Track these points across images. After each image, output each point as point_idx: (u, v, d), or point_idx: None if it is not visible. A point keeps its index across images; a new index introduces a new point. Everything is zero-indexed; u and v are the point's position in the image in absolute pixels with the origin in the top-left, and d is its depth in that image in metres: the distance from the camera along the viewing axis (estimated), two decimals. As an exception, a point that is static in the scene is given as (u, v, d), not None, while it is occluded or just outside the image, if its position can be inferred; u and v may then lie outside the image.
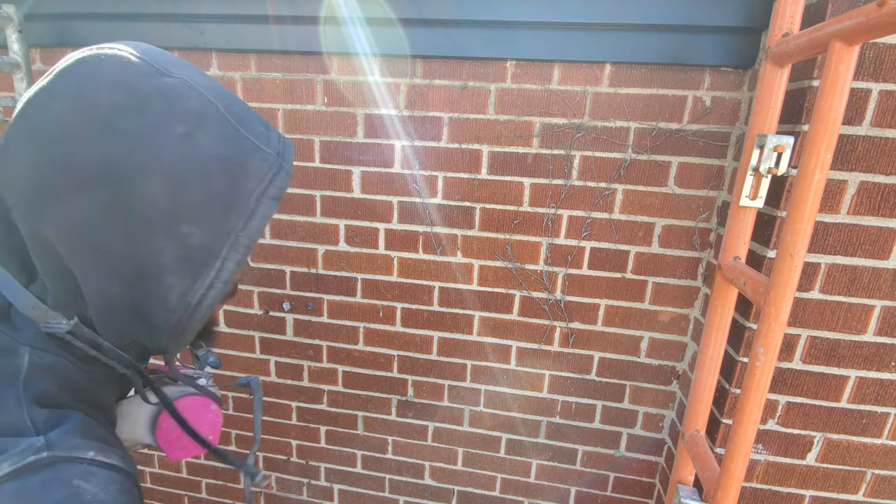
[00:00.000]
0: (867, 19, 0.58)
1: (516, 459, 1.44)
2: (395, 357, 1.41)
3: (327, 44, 1.17)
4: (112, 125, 0.37)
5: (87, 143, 0.36)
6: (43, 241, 0.39)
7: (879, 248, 0.94)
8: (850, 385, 1.02)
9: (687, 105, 1.09)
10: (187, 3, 1.19)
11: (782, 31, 0.83)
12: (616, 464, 1.38)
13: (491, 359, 1.35)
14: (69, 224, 0.38)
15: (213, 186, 0.40)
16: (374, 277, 1.35)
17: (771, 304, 0.73)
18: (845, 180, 0.92)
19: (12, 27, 1.15)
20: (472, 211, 1.24)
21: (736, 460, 0.80)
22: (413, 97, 1.19)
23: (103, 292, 0.41)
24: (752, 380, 0.76)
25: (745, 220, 0.91)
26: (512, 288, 1.28)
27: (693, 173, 1.13)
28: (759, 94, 0.86)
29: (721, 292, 0.94)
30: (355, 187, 1.28)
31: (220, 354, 1.51)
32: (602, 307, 1.25)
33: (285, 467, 1.60)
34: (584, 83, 1.12)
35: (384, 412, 1.47)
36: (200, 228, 0.40)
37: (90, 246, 0.38)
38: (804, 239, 0.69)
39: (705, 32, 1.03)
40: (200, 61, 1.26)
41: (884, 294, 0.96)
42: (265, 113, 1.27)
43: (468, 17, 1.09)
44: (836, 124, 0.65)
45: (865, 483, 1.08)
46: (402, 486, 1.55)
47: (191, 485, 1.71)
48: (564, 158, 1.17)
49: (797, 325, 1.00)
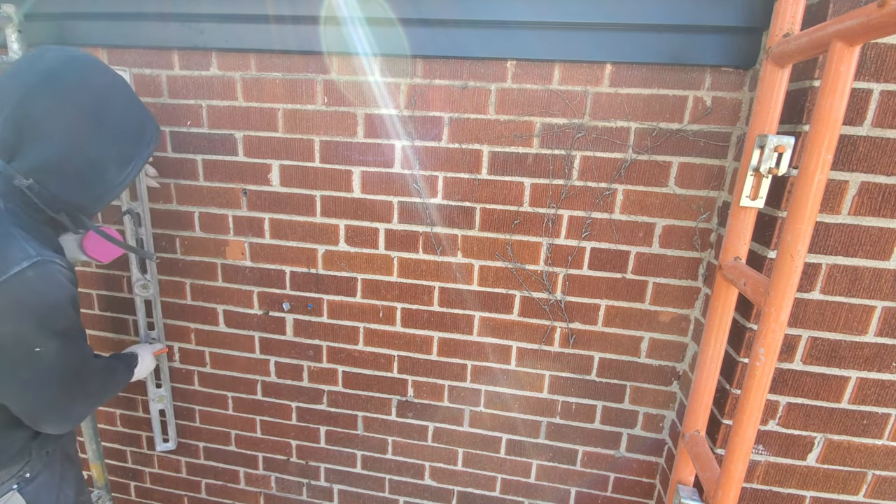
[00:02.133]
0: (868, 19, 0.58)
1: (516, 460, 1.43)
2: (395, 357, 1.41)
3: (327, 44, 1.17)
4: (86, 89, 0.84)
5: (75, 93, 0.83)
6: (29, 134, 0.79)
7: (880, 248, 0.94)
8: (851, 386, 1.02)
9: (687, 105, 1.09)
10: (187, 3, 1.19)
11: (783, 31, 0.82)
12: (616, 464, 1.38)
13: (491, 359, 1.35)
14: (62, 138, 0.81)
15: (136, 128, 0.91)
16: (374, 277, 1.35)
17: (771, 304, 0.73)
18: (846, 181, 0.91)
19: (12, 27, 1.15)
20: (473, 211, 1.24)
21: (736, 461, 0.80)
22: (413, 97, 1.19)
23: (66, 169, 0.82)
24: (752, 380, 0.76)
25: (746, 221, 0.91)
26: (512, 288, 1.28)
27: (694, 173, 1.13)
28: (760, 95, 0.86)
29: (721, 293, 0.94)
30: (355, 187, 1.28)
31: (219, 354, 1.51)
32: (602, 307, 1.25)
33: (285, 467, 1.60)
34: (585, 83, 1.12)
35: (384, 412, 1.47)
36: (128, 147, 0.90)
37: (70, 146, 0.81)
38: (805, 239, 0.69)
39: (706, 32, 1.03)
40: (200, 61, 1.26)
41: (885, 295, 0.96)
42: (265, 113, 1.27)
43: (468, 17, 1.09)
44: (837, 125, 0.64)
45: (866, 484, 1.08)
46: (402, 487, 1.54)
47: (191, 485, 1.71)
48: (565, 158, 1.17)
49: (798, 326, 1.00)
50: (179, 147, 1.34)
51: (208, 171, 1.34)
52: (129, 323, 1.54)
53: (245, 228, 1.37)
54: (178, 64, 1.27)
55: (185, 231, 1.41)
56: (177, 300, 1.48)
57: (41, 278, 0.76)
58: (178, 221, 1.40)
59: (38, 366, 0.80)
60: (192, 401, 1.58)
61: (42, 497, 0.98)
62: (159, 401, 1.55)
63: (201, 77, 1.27)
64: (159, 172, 1.36)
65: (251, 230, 1.37)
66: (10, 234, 0.76)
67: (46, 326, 0.79)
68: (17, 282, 0.73)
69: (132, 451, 1.71)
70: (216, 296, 1.45)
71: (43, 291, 0.77)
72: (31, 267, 0.75)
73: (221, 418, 1.59)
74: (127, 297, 1.49)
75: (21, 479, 0.94)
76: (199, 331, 1.50)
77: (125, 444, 1.71)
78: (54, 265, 0.78)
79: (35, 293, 0.76)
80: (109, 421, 1.68)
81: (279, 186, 1.32)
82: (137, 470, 1.74)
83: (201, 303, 1.47)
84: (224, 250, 1.41)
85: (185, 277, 1.45)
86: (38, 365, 0.80)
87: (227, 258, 1.41)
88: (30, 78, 0.79)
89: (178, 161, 1.35)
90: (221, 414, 1.58)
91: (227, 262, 1.41)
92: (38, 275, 0.76)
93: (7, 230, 0.77)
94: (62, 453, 1.06)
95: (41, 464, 0.98)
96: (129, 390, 1.61)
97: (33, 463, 0.96)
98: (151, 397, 1.54)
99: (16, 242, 0.76)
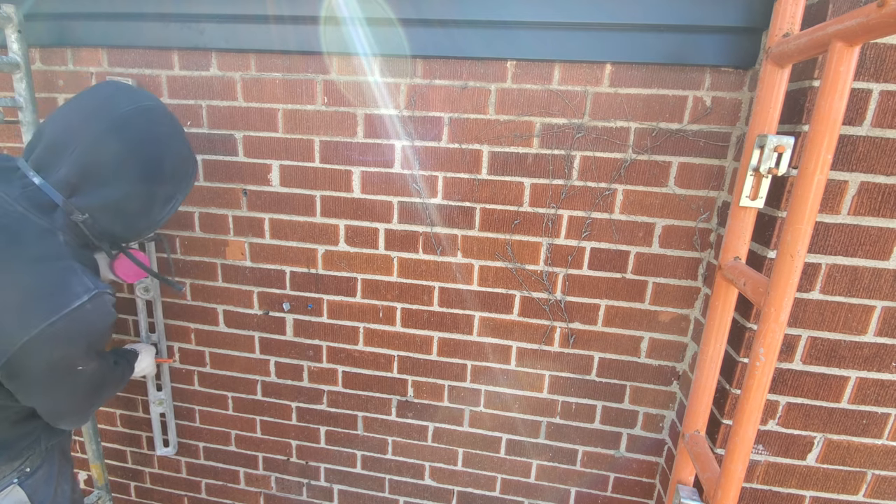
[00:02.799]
0: (868, 20, 0.58)
1: (516, 460, 1.44)
2: (395, 357, 1.41)
3: (327, 44, 1.17)
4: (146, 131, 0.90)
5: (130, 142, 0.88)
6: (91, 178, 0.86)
7: (880, 248, 0.94)
8: (851, 386, 1.02)
9: (687, 105, 1.09)
10: (187, 3, 1.19)
11: (783, 31, 0.82)
12: (616, 464, 1.38)
13: (491, 359, 1.35)
14: (125, 184, 0.88)
15: (186, 170, 0.98)
16: (374, 277, 1.35)
17: (771, 304, 0.73)
18: (846, 181, 0.91)
19: (12, 27, 1.14)
20: (473, 211, 1.24)
21: (736, 461, 0.80)
22: (413, 97, 1.19)
23: (122, 208, 0.89)
24: (752, 380, 0.76)
25: (746, 221, 0.91)
26: (512, 288, 1.28)
27: (693, 173, 1.13)
28: (760, 95, 0.86)
29: (721, 293, 0.94)
30: (355, 187, 1.28)
31: (219, 355, 1.51)
32: (602, 307, 1.25)
33: (285, 468, 1.60)
34: (585, 83, 1.12)
35: (384, 412, 1.47)
36: (172, 187, 0.95)
37: (130, 191, 0.88)
38: (804, 239, 0.69)
39: (706, 32, 1.03)
40: (200, 61, 1.26)
41: (884, 294, 0.96)
42: (265, 113, 1.27)
43: (468, 17, 1.09)
44: (837, 125, 0.64)
45: (866, 484, 1.08)
46: (402, 487, 1.54)
47: (191, 485, 1.71)
48: (565, 158, 1.17)
49: (798, 326, 1.00)
50: (179, 147, 1.34)
51: (208, 172, 1.34)
52: (130, 323, 1.54)
53: (245, 228, 1.37)
54: (178, 64, 1.27)
55: (185, 231, 1.41)
56: (177, 300, 1.48)
57: (96, 310, 0.83)
58: (178, 221, 1.40)
59: (76, 380, 0.88)
60: (191, 401, 1.58)
61: (41, 491, 1.00)
62: (159, 404, 1.55)
63: (201, 77, 1.27)
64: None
65: (251, 230, 1.37)
66: (71, 269, 0.82)
67: (93, 350, 0.88)
68: (77, 314, 0.80)
69: (132, 451, 1.71)
70: (216, 296, 1.45)
71: (96, 321, 0.84)
72: (90, 300, 0.81)
73: (221, 418, 1.59)
74: (128, 298, 1.49)
75: (21, 473, 0.97)
76: (199, 331, 1.50)
77: (125, 444, 1.71)
78: (107, 296, 0.86)
79: (90, 323, 0.83)
80: (109, 421, 1.68)
81: (279, 186, 1.32)
82: (137, 470, 1.74)
83: (201, 303, 1.47)
84: (224, 250, 1.41)
85: (185, 277, 1.45)
86: (77, 379, 0.88)
87: (227, 258, 1.41)
88: (102, 125, 0.84)
89: (178, 161, 1.35)
90: (221, 414, 1.58)
91: (227, 262, 1.41)
92: (94, 307, 0.83)
93: (69, 264, 0.82)
94: (60, 450, 1.09)
95: (40, 459, 1.01)
96: (129, 391, 1.61)
97: (33, 458, 0.99)
98: (152, 400, 1.54)
99: (76, 277, 0.82)
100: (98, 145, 0.83)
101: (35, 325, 0.76)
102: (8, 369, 0.78)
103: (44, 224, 0.82)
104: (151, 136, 0.89)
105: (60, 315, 0.78)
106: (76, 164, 0.83)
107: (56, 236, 0.83)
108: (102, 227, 0.90)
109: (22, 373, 0.80)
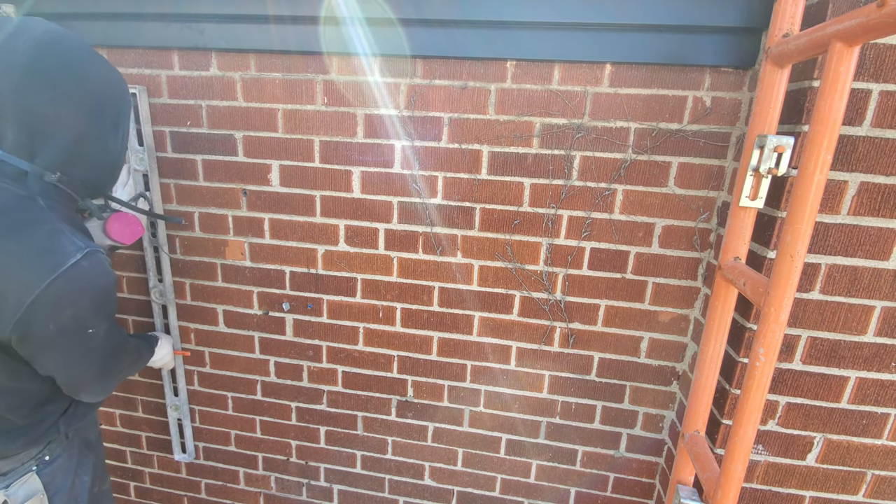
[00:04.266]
0: (867, 20, 0.58)
1: (516, 460, 1.44)
2: (395, 357, 1.41)
3: (327, 44, 1.17)
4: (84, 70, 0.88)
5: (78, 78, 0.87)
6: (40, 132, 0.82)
7: (880, 248, 0.94)
8: (851, 386, 1.02)
9: (687, 105, 1.09)
10: (187, 3, 1.19)
11: (782, 31, 0.82)
12: (616, 464, 1.38)
13: (491, 359, 1.35)
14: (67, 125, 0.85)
15: (115, 90, 0.93)
16: (374, 278, 1.35)
17: (771, 304, 0.73)
18: (845, 181, 0.91)
19: (12, 27, 1.14)
20: (472, 211, 1.24)
21: (736, 461, 0.80)
22: (413, 97, 1.19)
23: (81, 152, 0.87)
24: (752, 380, 0.76)
25: (746, 221, 0.91)
26: (512, 288, 1.28)
27: (693, 173, 1.13)
28: (760, 95, 0.86)
29: (721, 293, 0.94)
30: (355, 187, 1.28)
31: (219, 355, 1.51)
32: (602, 307, 1.25)
33: (285, 468, 1.60)
34: (585, 83, 1.12)
35: (384, 412, 1.47)
36: (114, 111, 0.92)
37: (75, 130, 0.85)
38: (804, 239, 0.69)
39: (705, 33, 1.03)
40: (200, 61, 1.26)
41: (884, 295, 0.96)
42: (265, 113, 1.27)
43: (468, 17, 1.09)
44: (837, 125, 0.65)
45: (865, 484, 1.08)
46: (402, 487, 1.54)
47: (190, 485, 1.71)
48: (564, 159, 1.17)
49: (797, 326, 1.00)
50: (179, 147, 1.34)
51: (208, 172, 1.34)
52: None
53: (245, 228, 1.37)
54: (178, 64, 1.27)
55: (185, 231, 1.41)
56: (177, 300, 1.48)
57: (94, 267, 0.84)
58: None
59: (89, 344, 0.89)
60: (191, 401, 1.58)
61: (58, 480, 1.00)
62: (175, 409, 1.55)
63: (201, 77, 1.27)
64: (160, 171, 1.36)
65: (251, 230, 1.37)
66: (58, 230, 0.82)
67: (100, 310, 0.88)
68: (74, 272, 0.80)
69: (132, 451, 1.71)
70: (216, 296, 1.45)
71: (96, 279, 0.85)
72: (84, 258, 0.82)
73: (221, 418, 1.59)
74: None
75: (40, 461, 0.97)
76: (199, 331, 1.50)
77: (125, 444, 1.71)
78: (101, 255, 0.86)
79: (90, 281, 0.84)
80: (109, 421, 1.68)
81: (279, 186, 1.32)
82: (137, 470, 1.74)
83: (201, 303, 1.47)
84: (224, 250, 1.41)
85: (184, 277, 1.45)
86: (90, 343, 0.89)
87: (226, 258, 1.41)
88: (15, 77, 0.79)
89: (178, 161, 1.35)
90: (221, 414, 1.58)
91: (226, 262, 1.41)
92: (90, 264, 0.83)
93: (55, 226, 0.82)
94: (81, 439, 1.08)
95: (60, 447, 1.01)
96: (129, 390, 1.61)
97: (52, 446, 0.99)
98: (169, 404, 1.55)
99: (65, 237, 0.82)
100: (21, 98, 0.79)
101: (34, 286, 0.77)
102: (19, 332, 0.79)
103: (21, 192, 0.82)
104: (67, 68, 0.83)
105: (57, 274, 0.78)
106: (17, 125, 0.81)
107: (36, 201, 0.83)
108: (80, 180, 0.89)
109: (33, 336, 0.80)
